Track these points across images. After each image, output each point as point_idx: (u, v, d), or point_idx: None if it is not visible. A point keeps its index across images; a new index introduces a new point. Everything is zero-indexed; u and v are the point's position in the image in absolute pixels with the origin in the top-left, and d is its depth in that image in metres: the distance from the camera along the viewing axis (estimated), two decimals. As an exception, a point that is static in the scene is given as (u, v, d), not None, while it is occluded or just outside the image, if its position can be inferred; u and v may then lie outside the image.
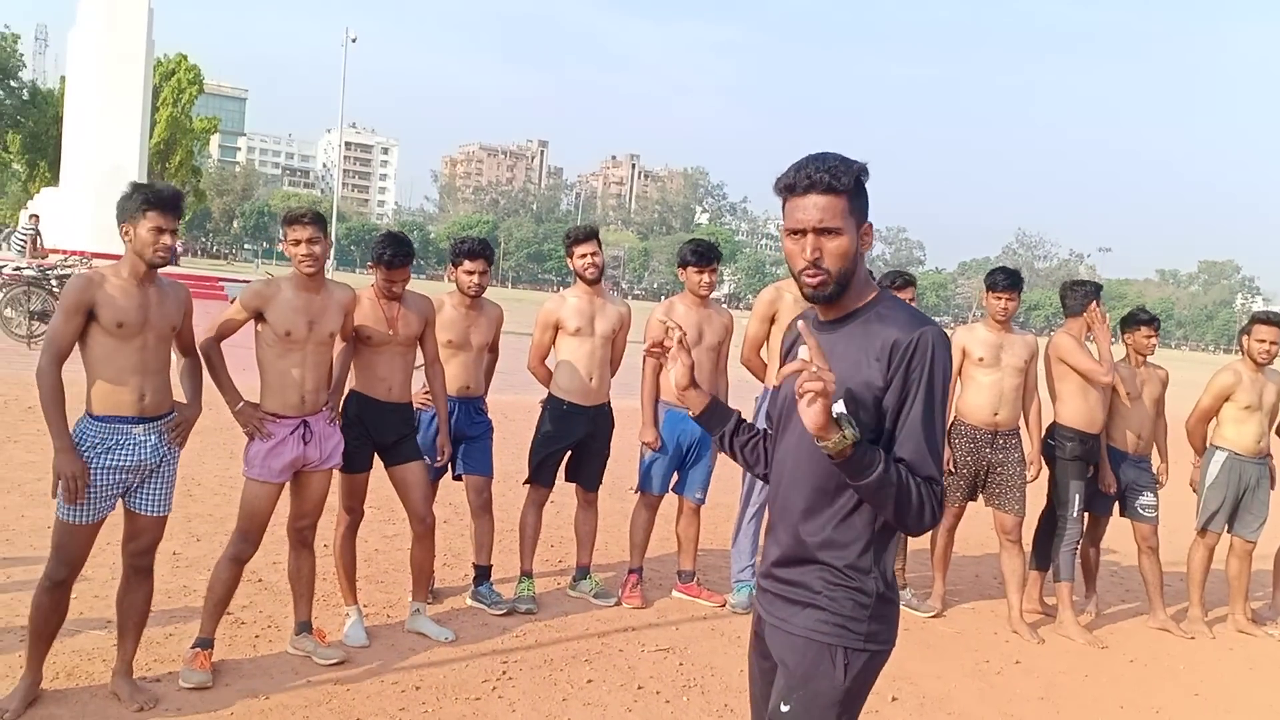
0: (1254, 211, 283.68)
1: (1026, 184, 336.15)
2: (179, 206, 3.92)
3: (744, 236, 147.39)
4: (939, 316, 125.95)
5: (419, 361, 5.26)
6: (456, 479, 5.73)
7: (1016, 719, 4.94)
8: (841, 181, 2.23)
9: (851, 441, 2.08)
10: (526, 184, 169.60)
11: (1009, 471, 6.16)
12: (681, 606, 6.01)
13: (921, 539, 6.71)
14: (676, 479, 6.09)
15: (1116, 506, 6.61)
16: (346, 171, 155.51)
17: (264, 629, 4.97)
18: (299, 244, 4.39)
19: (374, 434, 4.99)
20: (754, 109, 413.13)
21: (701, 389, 2.67)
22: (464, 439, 5.61)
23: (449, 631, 5.13)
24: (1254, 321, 6.53)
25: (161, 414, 3.98)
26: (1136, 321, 6.54)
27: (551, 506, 6.09)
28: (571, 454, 5.94)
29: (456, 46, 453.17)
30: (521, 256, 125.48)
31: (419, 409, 5.34)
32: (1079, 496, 6.27)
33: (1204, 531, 6.64)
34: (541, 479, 5.88)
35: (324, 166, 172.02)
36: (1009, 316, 6.17)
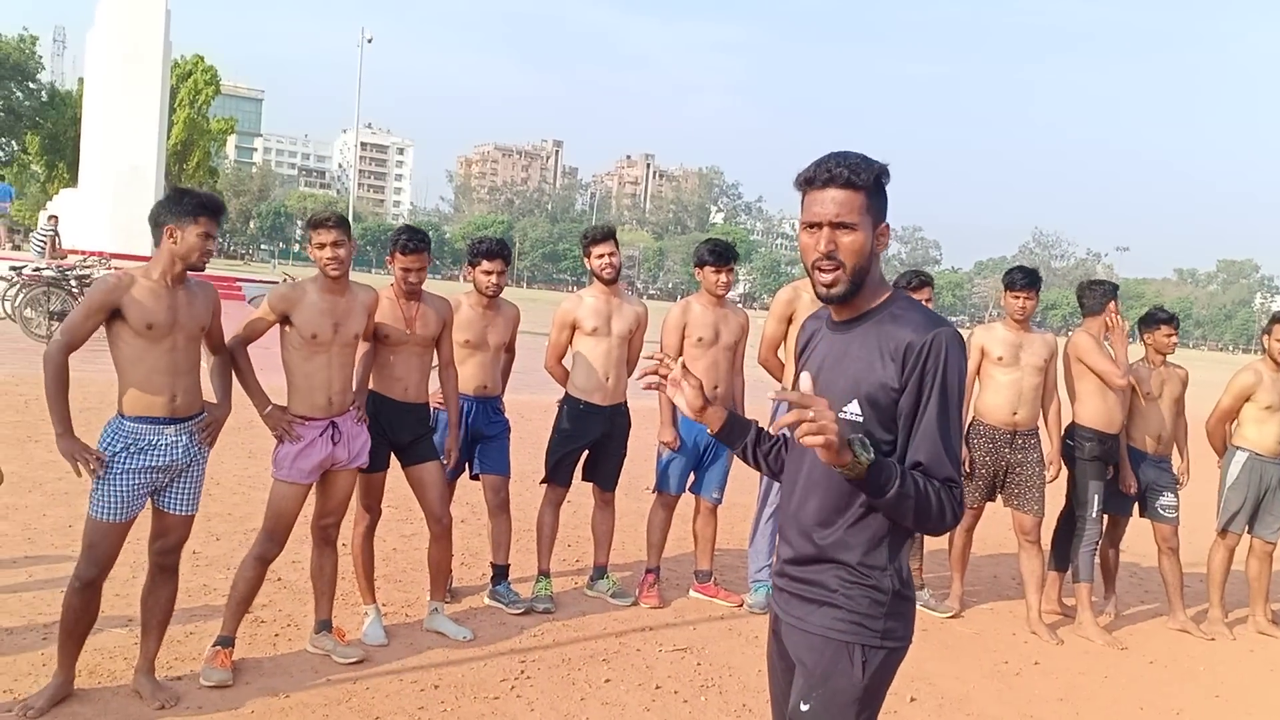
0: (1273, 210, 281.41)
1: (1043, 183, 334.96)
2: (224, 213, 4.07)
3: (759, 236, 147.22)
4: (955, 316, 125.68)
5: (436, 362, 5.28)
6: (474, 478, 5.75)
7: (1036, 720, 4.93)
8: (861, 178, 2.24)
9: (866, 465, 2.07)
10: (541, 184, 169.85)
11: (1028, 472, 6.14)
12: (699, 606, 6.02)
13: (939, 539, 6.70)
14: (693, 479, 6.09)
15: (1136, 507, 6.59)
16: (362, 172, 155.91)
17: (284, 627, 5.00)
18: (324, 248, 4.42)
19: (390, 433, 5.01)
20: (769, 108, 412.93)
21: (717, 406, 2.64)
22: (481, 438, 5.62)
23: (467, 630, 5.14)
24: (1274, 321, 6.49)
25: (192, 414, 4.01)
26: (1156, 321, 6.51)
27: (568, 506, 6.10)
28: (588, 454, 5.95)
29: (471, 47, 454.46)
30: (536, 256, 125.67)
31: (435, 409, 5.36)
32: (1098, 497, 6.25)
33: (1224, 532, 6.60)
34: (559, 478, 5.89)
35: (340, 167, 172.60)
36: (1027, 315, 6.14)
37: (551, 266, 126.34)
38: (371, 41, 47.43)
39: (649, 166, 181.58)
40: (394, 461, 5.12)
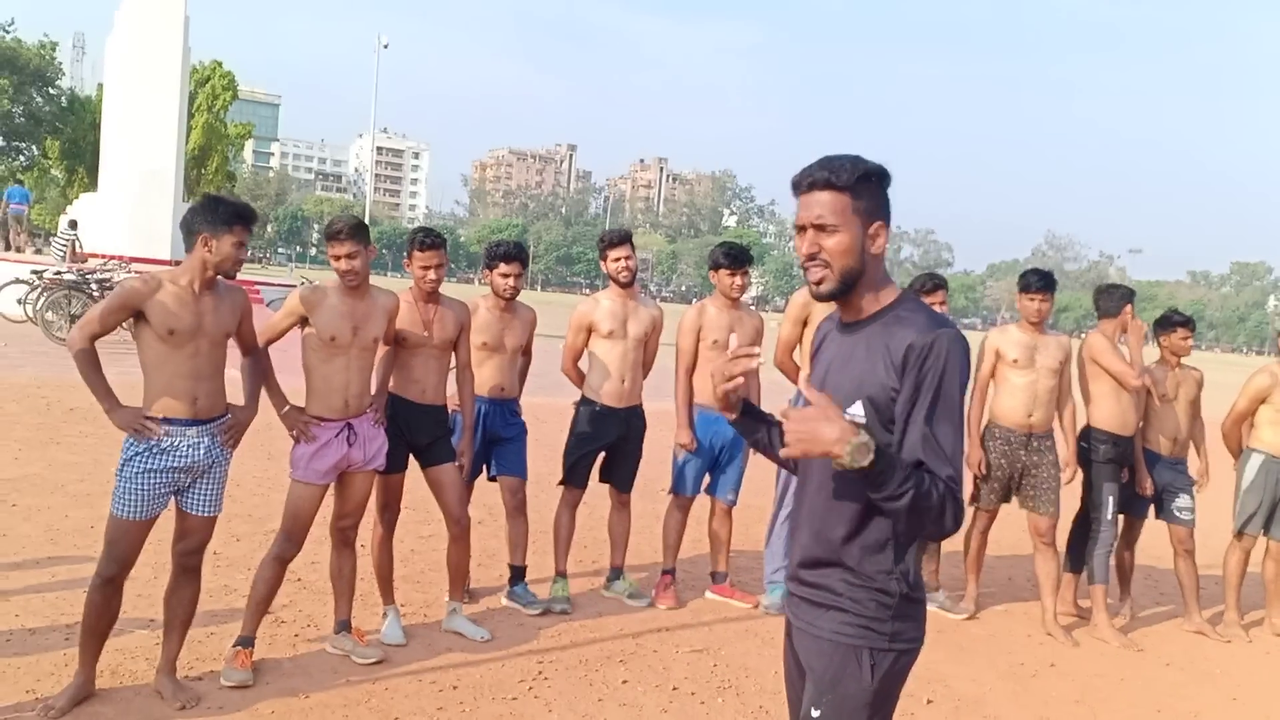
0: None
1: (1056, 185, 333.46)
2: (257, 222, 4.13)
3: (772, 239, 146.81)
4: (967, 319, 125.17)
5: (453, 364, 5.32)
6: (491, 480, 5.79)
7: (1051, 722, 4.93)
8: (840, 179, 2.25)
9: (868, 462, 2.04)
10: (555, 187, 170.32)
11: (1043, 474, 6.14)
12: (715, 608, 6.04)
13: (954, 541, 6.70)
14: (709, 480, 6.12)
15: (1152, 509, 6.58)
16: (378, 176, 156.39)
17: (303, 628, 5.04)
18: (339, 259, 4.47)
19: (408, 435, 5.06)
20: (782, 111, 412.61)
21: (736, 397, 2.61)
22: (499, 440, 5.66)
23: (485, 631, 5.18)
24: None
25: (215, 416, 4.06)
26: (1172, 323, 6.51)
27: (583, 508, 6.13)
28: (605, 455, 5.99)
29: (487, 51, 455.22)
30: (551, 260, 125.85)
31: (453, 411, 5.40)
32: (1113, 499, 6.25)
33: (1240, 534, 6.58)
34: (575, 480, 5.93)
35: (356, 171, 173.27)
36: (1043, 318, 6.14)
37: (565, 270, 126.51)
38: (388, 47, 47.64)
39: (662, 170, 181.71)
40: (412, 463, 5.17)
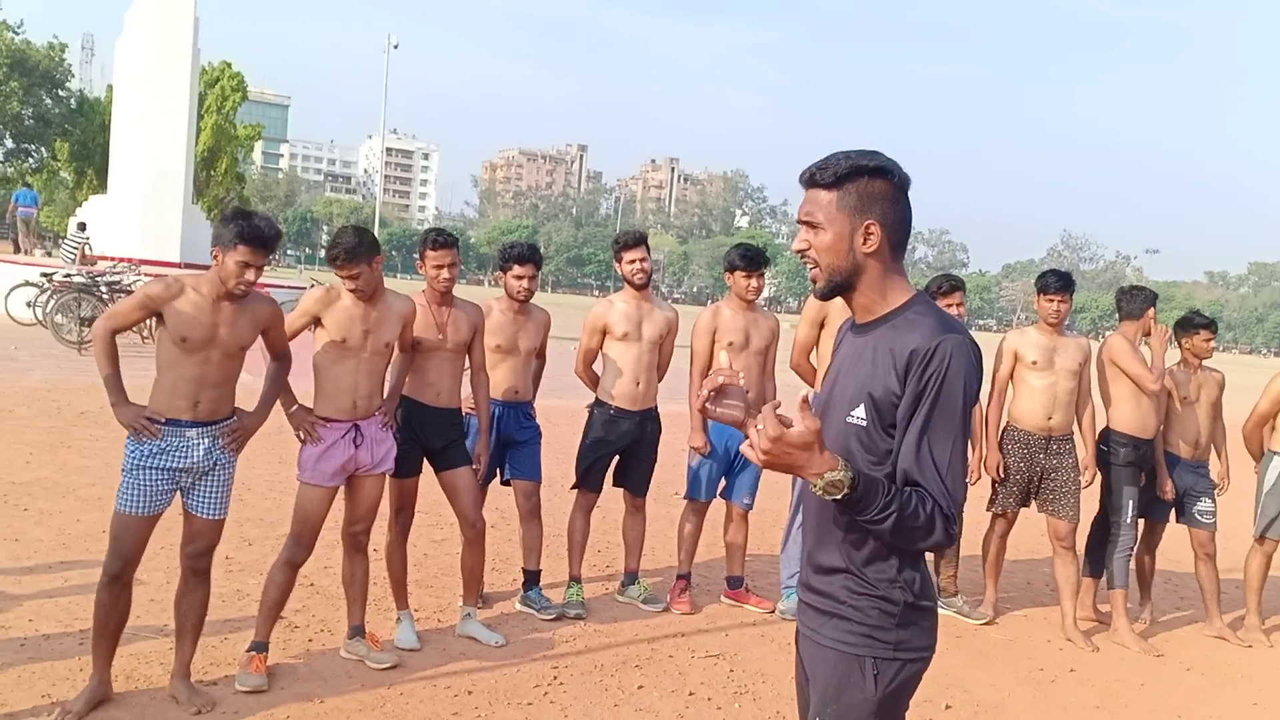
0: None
1: (1072, 185, 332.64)
2: (272, 246, 3.94)
3: (784, 240, 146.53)
4: (982, 320, 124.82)
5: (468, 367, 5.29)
6: (505, 484, 5.76)
7: (1072, 728, 4.88)
8: (825, 176, 2.22)
9: (840, 496, 1.99)
10: (566, 188, 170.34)
11: (1063, 477, 6.08)
12: (730, 612, 5.99)
13: (973, 545, 6.65)
14: (724, 484, 6.07)
15: (1173, 513, 6.51)
16: (387, 177, 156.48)
17: (317, 633, 5.01)
18: (344, 279, 4.46)
19: (423, 438, 5.03)
20: (794, 111, 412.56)
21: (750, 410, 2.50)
22: (513, 444, 5.63)
23: (499, 636, 5.14)
24: None
25: (216, 419, 4.04)
26: (1194, 325, 6.44)
27: (597, 512, 6.09)
28: (619, 459, 5.94)
29: (497, 51, 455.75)
30: (561, 261, 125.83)
31: (467, 414, 5.36)
32: (1132, 503, 6.18)
33: (1262, 538, 6.50)
34: (589, 484, 5.88)
35: (365, 172, 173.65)
36: (1061, 319, 6.09)
37: (576, 271, 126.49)
38: (397, 47, 47.71)
39: (674, 170, 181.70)
40: (425, 467, 5.13)
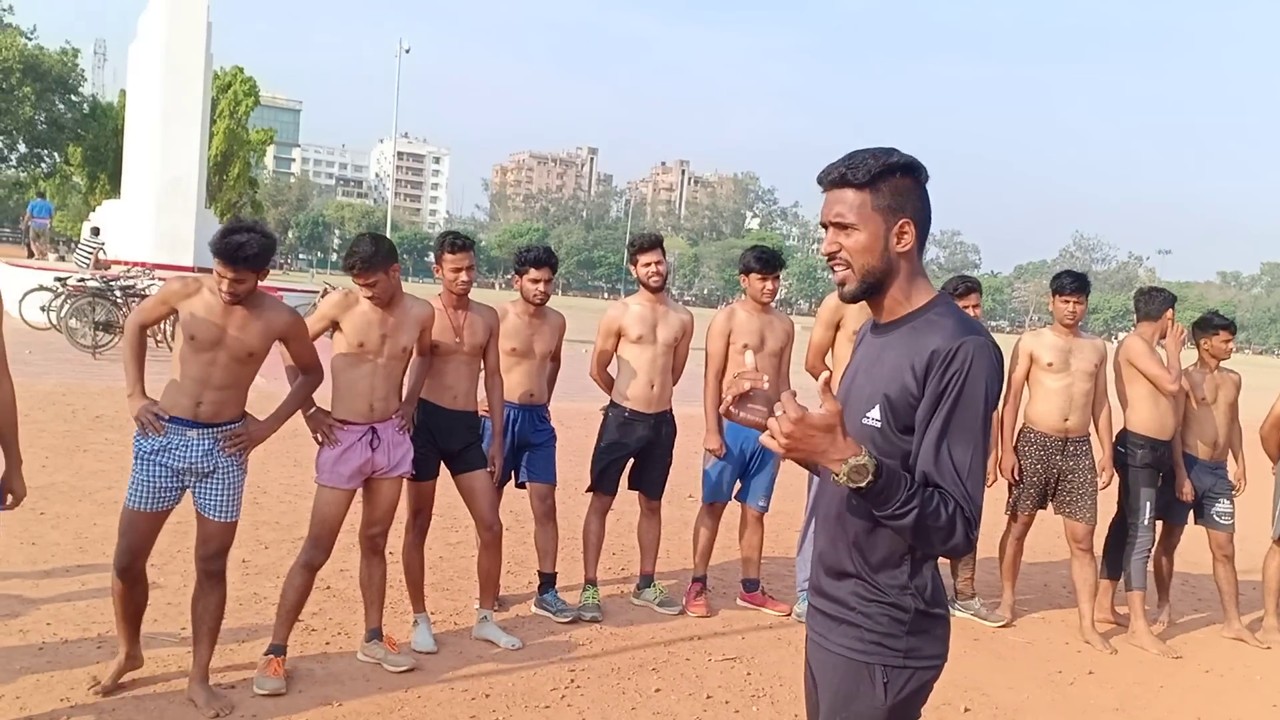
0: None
1: (1083, 186, 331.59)
2: (240, 259, 3.83)
3: (795, 241, 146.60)
4: (994, 321, 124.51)
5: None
6: (520, 487, 5.76)
7: (1092, 731, 4.85)
8: (857, 175, 2.16)
9: (865, 484, 1.95)
10: (576, 191, 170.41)
11: (1080, 479, 6.05)
12: (746, 615, 5.98)
13: (989, 547, 6.62)
14: (739, 487, 6.06)
15: (1191, 514, 6.47)
16: (399, 181, 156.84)
17: (334, 636, 5.01)
18: (362, 288, 4.48)
19: (440, 441, 5.03)
20: (805, 113, 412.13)
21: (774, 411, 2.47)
22: (528, 447, 5.63)
23: (516, 639, 5.14)
24: None
25: (219, 422, 4.06)
26: (1213, 326, 6.40)
27: (611, 515, 6.08)
28: (634, 462, 5.93)
29: (507, 55, 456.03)
30: (572, 264, 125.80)
31: (482, 416, 5.36)
32: (1150, 504, 6.15)
33: (1280, 540, 6.47)
34: (604, 487, 5.87)
35: (377, 176, 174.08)
36: (1077, 320, 6.06)
37: (587, 274, 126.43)
38: (409, 51, 47.76)
39: (684, 173, 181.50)
40: (441, 470, 5.14)
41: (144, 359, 4.16)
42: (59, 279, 16.16)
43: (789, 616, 5.97)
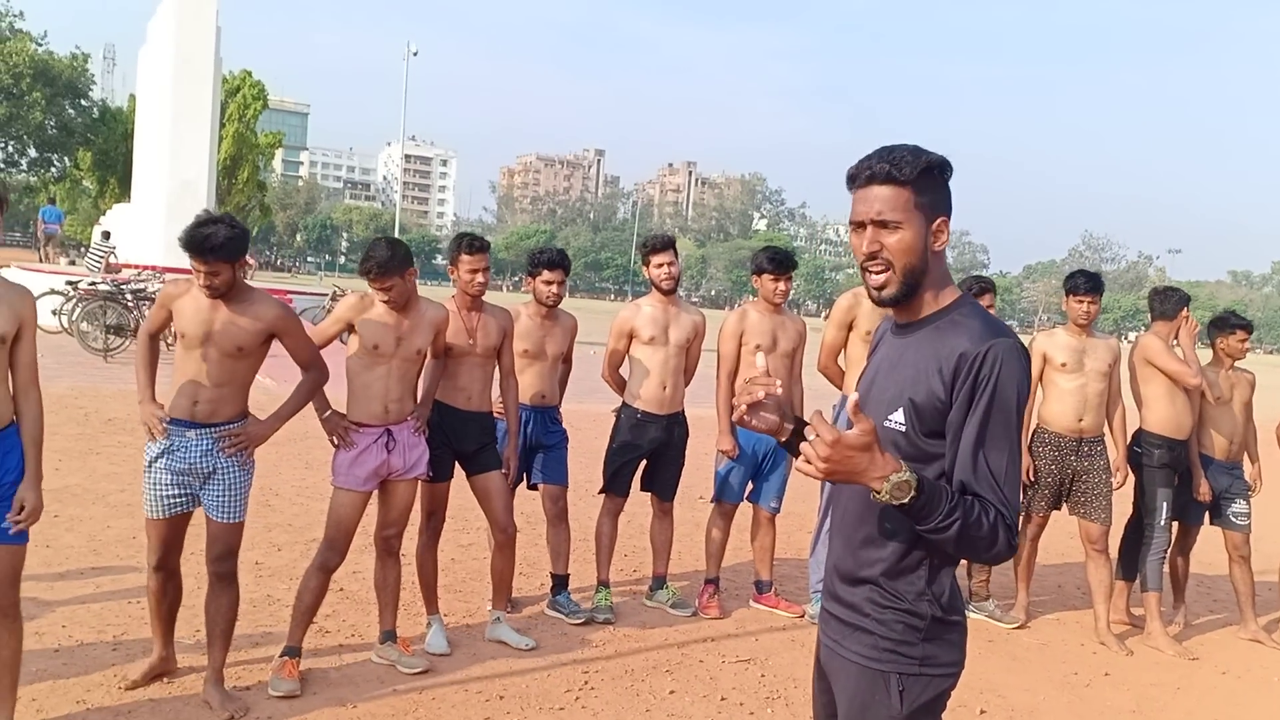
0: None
1: (1093, 185, 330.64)
2: (209, 250, 3.83)
3: (802, 242, 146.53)
4: (1004, 321, 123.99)
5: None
6: (532, 488, 5.75)
7: (1109, 733, 4.83)
8: (903, 172, 2.10)
9: (908, 499, 1.92)
10: (583, 193, 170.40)
11: (1094, 479, 6.02)
12: (759, 617, 5.96)
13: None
14: (751, 488, 6.05)
15: (1206, 514, 6.44)
16: (406, 184, 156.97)
17: (348, 638, 5.01)
18: (378, 292, 4.48)
19: (454, 442, 5.03)
20: (812, 113, 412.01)
21: (786, 415, 2.32)
22: (540, 448, 5.62)
23: (529, 640, 5.14)
24: None
25: (215, 422, 4.07)
26: (1230, 325, 6.37)
27: (622, 516, 6.06)
28: (646, 463, 5.92)
29: (513, 58, 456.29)
30: (579, 265, 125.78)
31: (498, 418, 5.36)
32: (1166, 505, 6.12)
33: (1297, 540, 6.45)
34: (616, 488, 5.86)
35: (384, 179, 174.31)
36: (1091, 320, 6.03)
37: (594, 275, 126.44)
38: (417, 54, 47.85)
39: (691, 174, 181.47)
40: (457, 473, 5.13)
41: (154, 366, 4.20)
42: (70, 283, 16.20)
43: (802, 618, 5.95)
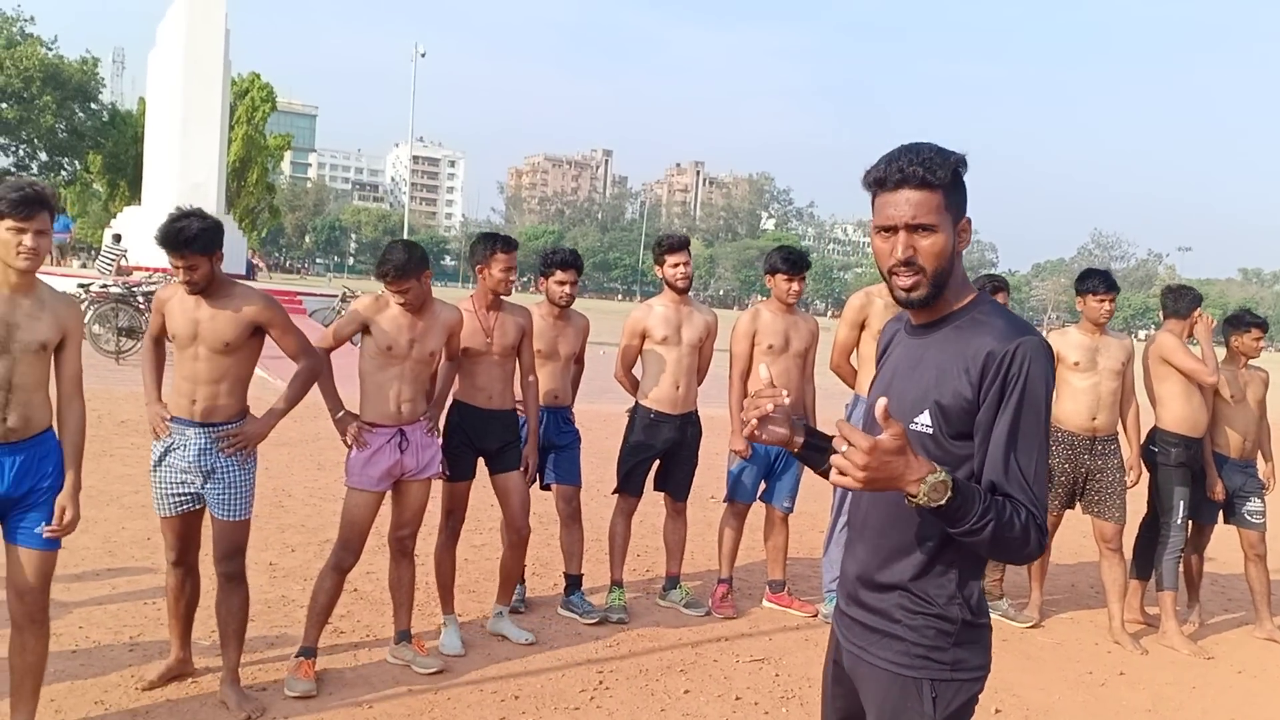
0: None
1: (1102, 183, 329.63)
2: (183, 243, 3.91)
3: (811, 242, 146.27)
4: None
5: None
6: (544, 489, 5.75)
7: (1124, 732, 4.81)
8: (937, 175, 2.05)
9: (945, 500, 1.89)
10: (591, 193, 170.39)
11: (1108, 478, 6.01)
12: (773, 616, 5.96)
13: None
14: (764, 487, 6.04)
15: (1221, 513, 6.42)
16: (414, 185, 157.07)
17: (363, 638, 5.02)
18: (395, 294, 4.50)
19: (477, 441, 5.06)
20: (819, 113, 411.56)
21: (797, 426, 2.32)
22: (553, 448, 5.63)
23: (529, 634, 5.18)
24: None
25: (213, 422, 4.09)
26: (1245, 324, 6.34)
27: (634, 516, 6.06)
28: (660, 463, 5.92)
29: (522, 58, 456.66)
30: (587, 266, 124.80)
31: (521, 414, 5.35)
32: (1183, 503, 6.10)
33: (1312, 538, 6.42)
34: (630, 488, 5.86)
35: (392, 180, 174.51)
36: (1108, 319, 6.01)
37: (602, 275, 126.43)
38: (425, 56, 47.90)
39: (699, 174, 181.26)
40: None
41: (160, 368, 4.29)
42: (82, 285, 16.28)
43: (815, 617, 5.95)
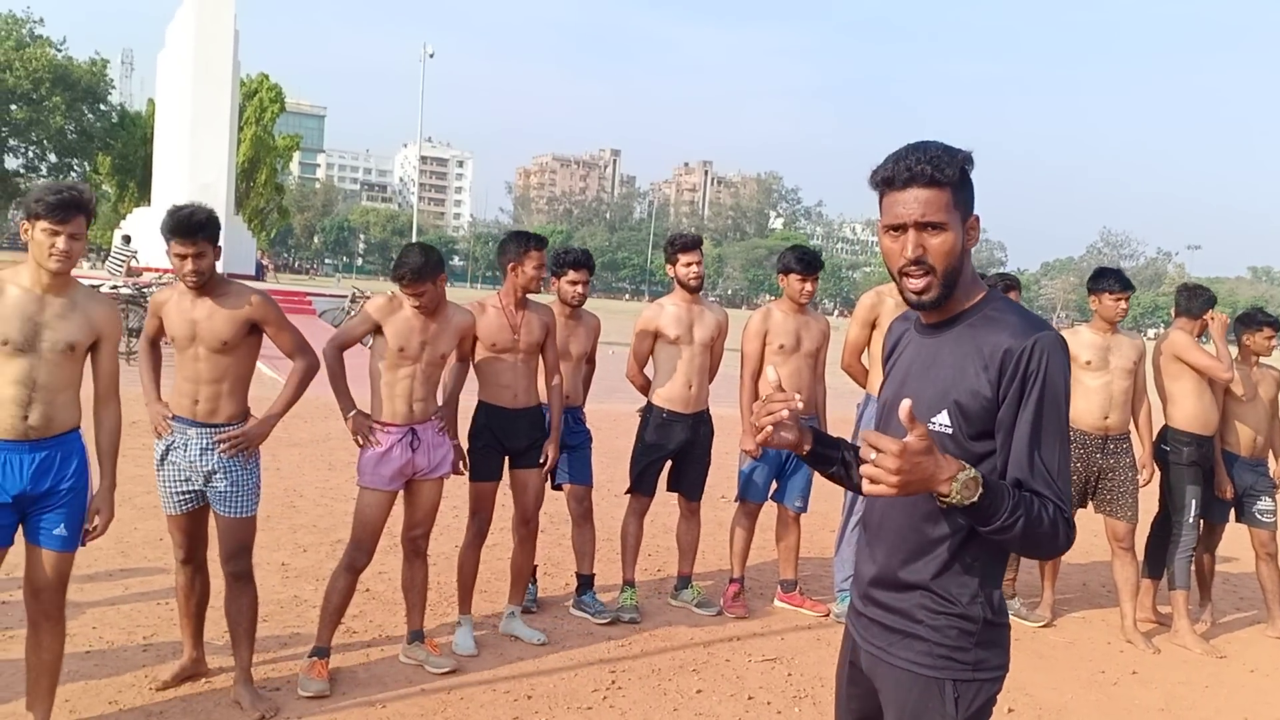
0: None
1: (1111, 182, 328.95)
2: (195, 226, 3.95)
3: (819, 241, 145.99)
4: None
5: None
6: (556, 489, 5.75)
7: (1138, 732, 4.81)
8: (945, 173, 2.03)
9: (977, 497, 1.87)
10: (600, 193, 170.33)
11: (1120, 477, 5.99)
12: (785, 616, 5.96)
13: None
14: (775, 487, 6.04)
15: (1232, 512, 6.40)
16: (423, 185, 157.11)
17: (375, 638, 5.03)
18: (409, 298, 4.51)
19: (505, 441, 5.08)
20: (827, 112, 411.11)
21: (806, 429, 2.28)
22: (564, 448, 5.62)
23: (540, 634, 5.19)
24: None
25: (214, 422, 4.11)
26: (1257, 322, 6.31)
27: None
28: (672, 463, 5.92)
29: (529, 58, 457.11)
30: (596, 265, 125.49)
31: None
32: (1195, 502, 6.08)
33: (1323, 537, 6.39)
34: (642, 488, 5.87)
35: (401, 181, 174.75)
36: (1123, 317, 6.01)
37: (611, 275, 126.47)
38: (433, 56, 47.88)
39: (707, 173, 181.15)
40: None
41: (157, 369, 4.35)
42: (92, 286, 16.33)
43: (828, 617, 5.95)
